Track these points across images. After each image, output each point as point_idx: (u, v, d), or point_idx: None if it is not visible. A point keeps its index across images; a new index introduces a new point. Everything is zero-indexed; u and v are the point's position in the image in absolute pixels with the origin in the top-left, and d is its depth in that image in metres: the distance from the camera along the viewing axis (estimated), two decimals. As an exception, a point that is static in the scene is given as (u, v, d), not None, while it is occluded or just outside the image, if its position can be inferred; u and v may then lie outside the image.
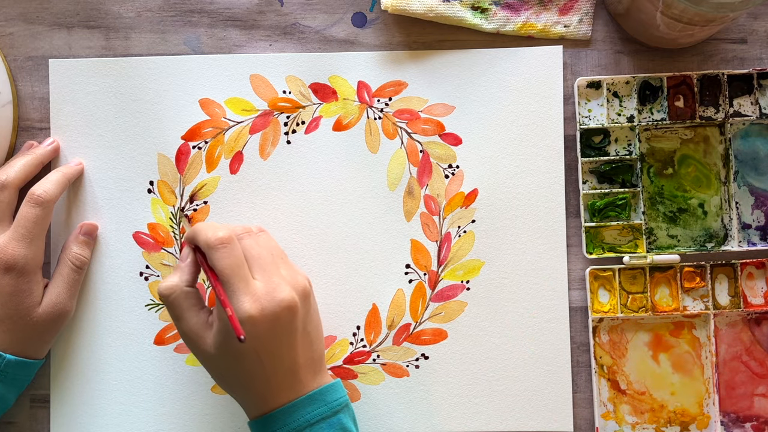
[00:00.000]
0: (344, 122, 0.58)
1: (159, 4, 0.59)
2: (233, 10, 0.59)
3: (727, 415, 0.57)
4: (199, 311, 0.50)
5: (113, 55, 0.59)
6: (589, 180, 0.58)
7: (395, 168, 0.58)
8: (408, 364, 0.58)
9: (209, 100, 0.58)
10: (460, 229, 0.58)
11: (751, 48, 0.59)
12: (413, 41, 0.59)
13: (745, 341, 0.58)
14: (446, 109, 0.58)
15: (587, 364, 0.58)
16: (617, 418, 0.57)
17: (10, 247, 0.52)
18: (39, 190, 0.54)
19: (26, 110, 0.59)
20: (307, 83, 0.58)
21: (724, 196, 0.58)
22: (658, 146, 0.58)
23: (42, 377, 0.58)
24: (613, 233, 0.58)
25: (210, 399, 0.57)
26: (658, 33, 0.55)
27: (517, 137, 0.58)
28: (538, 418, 0.57)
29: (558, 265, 0.58)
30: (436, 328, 0.58)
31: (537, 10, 0.58)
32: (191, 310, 0.50)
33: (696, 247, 0.58)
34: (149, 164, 0.58)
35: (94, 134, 0.58)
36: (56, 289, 0.55)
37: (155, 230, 0.58)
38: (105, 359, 0.58)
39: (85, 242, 0.57)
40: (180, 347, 0.58)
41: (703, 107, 0.58)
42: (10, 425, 0.58)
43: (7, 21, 0.59)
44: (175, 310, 0.50)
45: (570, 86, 0.58)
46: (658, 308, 0.57)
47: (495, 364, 0.57)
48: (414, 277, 0.58)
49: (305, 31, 0.59)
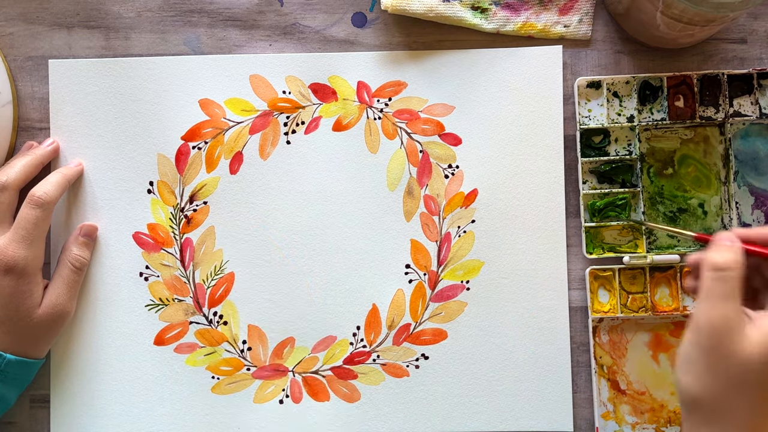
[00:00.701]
0: (344, 122, 0.58)
1: (159, 4, 0.59)
2: (233, 10, 0.59)
3: (727, 415, 0.57)
4: None
5: (113, 56, 0.59)
6: (589, 180, 0.58)
7: (395, 168, 0.58)
8: (408, 364, 0.58)
9: (209, 101, 0.58)
10: (459, 229, 0.58)
11: (751, 48, 0.59)
12: (413, 41, 0.59)
13: (745, 341, 0.58)
14: (446, 109, 0.58)
15: (587, 364, 0.58)
16: (617, 418, 0.57)
17: (11, 248, 0.52)
18: (39, 191, 0.54)
19: (26, 110, 0.59)
20: (307, 83, 0.58)
21: (724, 196, 0.58)
22: (658, 146, 0.58)
23: (42, 377, 0.58)
24: (613, 233, 0.58)
25: (210, 399, 0.57)
26: (658, 33, 0.55)
27: (517, 137, 0.58)
28: (538, 418, 0.57)
29: (558, 265, 0.58)
30: (436, 328, 0.58)
31: (537, 10, 0.58)
32: None
33: (696, 247, 0.57)
34: (149, 164, 0.58)
35: (93, 134, 0.58)
36: (56, 290, 0.55)
37: (155, 230, 0.58)
38: (105, 359, 0.58)
39: (84, 243, 0.57)
40: (180, 347, 0.58)
41: (703, 107, 0.58)
42: (10, 425, 0.58)
43: (7, 21, 0.59)
44: None
45: (570, 86, 0.58)
46: (658, 308, 0.57)
47: (495, 364, 0.57)
48: (414, 277, 0.58)
49: (305, 31, 0.59)
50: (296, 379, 0.58)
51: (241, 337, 0.58)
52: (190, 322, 0.58)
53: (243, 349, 0.58)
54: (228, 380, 0.58)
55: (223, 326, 0.58)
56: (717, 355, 0.40)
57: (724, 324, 0.40)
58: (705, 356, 0.40)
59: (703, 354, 0.40)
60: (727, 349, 0.40)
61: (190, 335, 0.58)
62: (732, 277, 0.41)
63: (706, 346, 0.40)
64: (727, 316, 0.40)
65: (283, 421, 0.57)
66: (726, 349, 0.40)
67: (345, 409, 0.58)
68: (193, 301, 0.58)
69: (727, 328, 0.40)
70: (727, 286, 0.40)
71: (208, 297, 0.58)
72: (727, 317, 0.40)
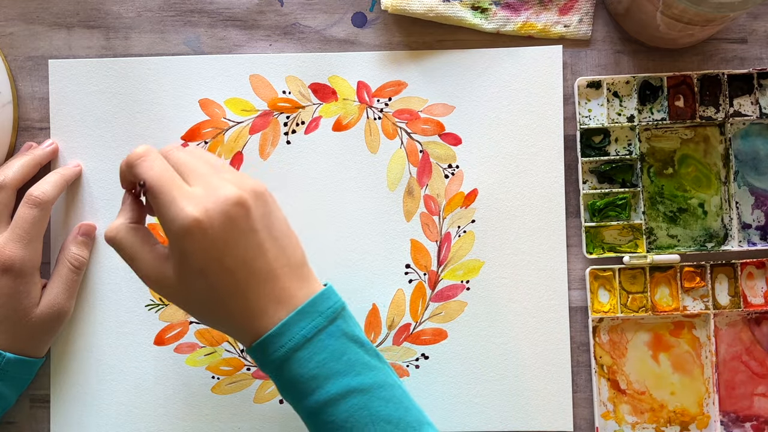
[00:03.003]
0: (344, 122, 0.58)
1: (159, 4, 0.59)
2: (233, 10, 0.59)
3: (727, 415, 0.57)
4: (152, 247, 0.46)
5: (113, 55, 0.59)
6: (589, 180, 0.58)
7: (395, 168, 0.58)
8: (408, 364, 0.58)
9: (209, 101, 0.58)
10: (459, 229, 0.58)
11: (751, 48, 0.59)
12: (413, 41, 0.59)
13: (745, 341, 0.58)
14: (446, 109, 0.58)
15: (587, 364, 0.58)
16: (617, 418, 0.57)
17: (8, 248, 0.52)
18: (37, 191, 0.54)
19: (26, 110, 0.59)
20: (307, 83, 0.58)
21: (724, 196, 0.58)
22: (658, 146, 0.58)
23: (42, 377, 0.58)
24: (613, 233, 0.58)
25: (210, 399, 0.57)
26: (658, 33, 0.55)
27: (517, 137, 0.58)
28: (538, 418, 0.57)
29: (558, 265, 0.58)
30: (436, 328, 0.58)
31: (537, 10, 0.58)
32: (143, 247, 0.46)
33: (696, 247, 0.57)
34: (149, 164, 0.58)
35: (94, 134, 0.58)
36: (54, 290, 0.55)
37: (155, 231, 0.58)
38: (105, 359, 0.58)
39: (83, 243, 0.57)
40: (180, 347, 0.58)
41: (703, 107, 0.58)
42: (10, 425, 0.58)
43: (7, 21, 0.59)
44: (127, 250, 0.46)
45: (570, 86, 0.58)
46: (658, 308, 0.57)
47: (495, 364, 0.57)
48: (414, 277, 0.58)
49: (305, 31, 0.59)
50: (296, 379, 0.58)
51: (241, 337, 0.58)
52: (190, 322, 0.58)
53: (243, 348, 0.58)
54: (228, 380, 0.58)
55: (223, 326, 0.58)
56: (163, 293, 0.47)
57: (155, 275, 0.46)
58: (161, 295, 0.47)
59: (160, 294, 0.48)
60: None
61: (190, 335, 0.58)
62: (121, 240, 0.46)
63: (158, 291, 0.47)
64: (147, 272, 0.46)
65: (283, 421, 0.57)
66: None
67: (345, 409, 0.57)
68: (193, 301, 0.58)
69: (156, 275, 0.46)
70: (125, 250, 0.46)
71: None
72: (147, 272, 0.46)
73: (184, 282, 0.44)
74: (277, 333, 0.44)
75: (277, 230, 0.46)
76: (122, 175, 0.48)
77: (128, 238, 0.46)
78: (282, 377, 0.45)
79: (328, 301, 0.46)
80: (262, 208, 0.45)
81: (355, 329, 0.46)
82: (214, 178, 0.44)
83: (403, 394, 0.46)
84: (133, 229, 0.46)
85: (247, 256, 0.44)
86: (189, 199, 0.43)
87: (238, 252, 0.44)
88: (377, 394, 0.44)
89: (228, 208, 0.43)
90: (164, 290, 0.46)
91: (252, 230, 0.44)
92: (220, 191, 0.43)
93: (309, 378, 0.44)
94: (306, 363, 0.44)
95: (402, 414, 0.45)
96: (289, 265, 0.45)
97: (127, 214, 0.47)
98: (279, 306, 0.45)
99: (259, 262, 0.44)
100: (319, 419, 0.44)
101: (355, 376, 0.44)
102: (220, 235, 0.43)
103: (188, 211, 0.42)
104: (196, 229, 0.42)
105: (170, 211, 0.43)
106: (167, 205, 0.43)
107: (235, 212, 0.43)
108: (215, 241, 0.43)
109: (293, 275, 0.45)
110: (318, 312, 0.45)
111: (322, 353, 0.44)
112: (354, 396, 0.44)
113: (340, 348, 0.45)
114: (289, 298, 0.45)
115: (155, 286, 0.46)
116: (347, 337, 0.45)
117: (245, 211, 0.44)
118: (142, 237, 0.46)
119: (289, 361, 0.44)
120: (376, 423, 0.44)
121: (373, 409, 0.44)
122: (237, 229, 0.43)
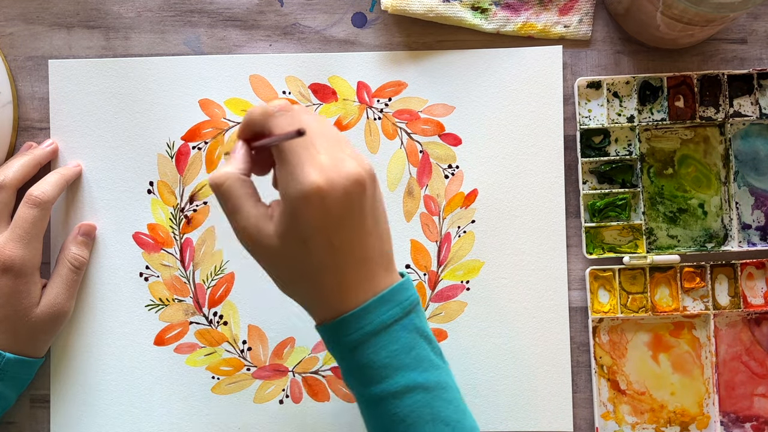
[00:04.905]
0: (344, 122, 0.58)
1: (159, 4, 0.59)
2: (233, 10, 0.59)
3: (727, 415, 0.57)
4: (257, 202, 0.45)
5: (113, 55, 0.59)
6: (589, 180, 0.58)
7: (395, 168, 0.58)
8: (408, 365, 0.58)
9: (209, 101, 0.58)
10: (459, 230, 0.58)
11: (751, 48, 0.59)
12: (413, 41, 0.59)
13: (745, 341, 0.58)
14: (446, 110, 0.58)
15: (587, 364, 0.58)
16: (617, 418, 0.57)
17: (8, 248, 0.52)
18: (37, 191, 0.54)
19: (26, 110, 0.59)
20: (307, 84, 0.58)
21: (724, 196, 0.58)
22: (658, 146, 0.58)
23: (42, 377, 0.58)
24: (613, 233, 0.58)
25: (210, 399, 0.57)
26: (658, 33, 0.55)
27: (517, 137, 0.58)
28: (538, 418, 0.57)
29: (558, 265, 0.58)
30: (436, 328, 0.58)
31: (537, 11, 0.58)
32: (249, 200, 0.45)
33: (696, 248, 0.57)
34: (149, 165, 0.58)
35: (94, 134, 0.58)
36: (54, 290, 0.55)
37: (155, 231, 0.58)
38: (105, 359, 0.58)
39: (83, 242, 0.57)
40: (180, 347, 0.58)
41: (703, 107, 0.58)
42: (10, 425, 0.58)
43: (7, 21, 0.59)
44: (232, 200, 0.44)
45: (570, 86, 0.58)
46: (658, 308, 0.57)
47: (495, 364, 0.57)
48: (414, 278, 0.58)
49: (305, 32, 0.59)
50: (296, 379, 0.58)
51: (241, 337, 0.58)
52: (190, 322, 0.58)
53: (243, 349, 0.58)
54: (228, 380, 0.58)
55: (223, 326, 0.58)
56: (257, 253, 0.45)
57: (255, 232, 0.44)
58: (254, 255, 0.46)
59: (252, 254, 0.46)
60: (262, 248, 0.45)
61: (190, 335, 0.58)
62: (228, 189, 0.45)
63: (252, 251, 0.45)
64: (247, 227, 0.44)
65: (283, 421, 0.57)
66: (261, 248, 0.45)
67: (345, 409, 0.57)
68: (193, 302, 0.58)
69: (257, 233, 0.44)
70: (231, 200, 0.45)
71: (208, 297, 0.58)
72: (248, 227, 0.45)
73: (285, 246, 0.44)
74: (357, 314, 0.44)
75: (381, 216, 0.46)
76: (249, 123, 0.46)
77: (236, 187, 0.44)
78: (353, 360, 0.45)
79: (406, 292, 0.46)
80: (372, 190, 0.44)
81: (426, 326, 0.46)
82: (339, 151, 0.43)
83: (461, 398, 0.46)
84: (242, 180, 0.45)
85: (353, 237, 0.44)
86: (315, 166, 0.42)
87: (345, 232, 0.43)
88: (440, 395, 0.45)
89: (348, 184, 0.42)
90: (258, 249, 0.45)
91: (362, 213, 0.44)
92: (345, 165, 0.43)
93: (380, 366, 0.44)
94: (380, 350, 0.44)
95: (460, 417, 0.45)
96: (382, 252, 0.45)
97: (239, 164, 0.45)
98: (364, 290, 0.44)
99: (360, 245, 0.44)
100: (382, 409, 0.44)
101: (422, 372, 0.44)
102: (336, 210, 0.42)
103: (313, 178, 0.42)
104: (315, 197, 0.42)
105: (295, 172, 0.42)
106: (294, 165, 0.42)
107: (354, 190, 0.43)
108: (329, 214, 0.42)
109: (382, 263, 0.45)
110: (396, 302, 0.45)
111: (395, 344, 0.44)
112: (418, 392, 0.44)
113: (411, 342, 0.45)
114: (374, 284, 0.45)
115: (250, 242, 0.45)
116: (418, 332, 0.45)
117: (362, 190, 0.43)
118: (250, 190, 0.45)
119: (364, 345, 0.44)
120: (435, 422, 0.44)
121: (435, 408, 0.44)
122: (351, 209, 0.43)
